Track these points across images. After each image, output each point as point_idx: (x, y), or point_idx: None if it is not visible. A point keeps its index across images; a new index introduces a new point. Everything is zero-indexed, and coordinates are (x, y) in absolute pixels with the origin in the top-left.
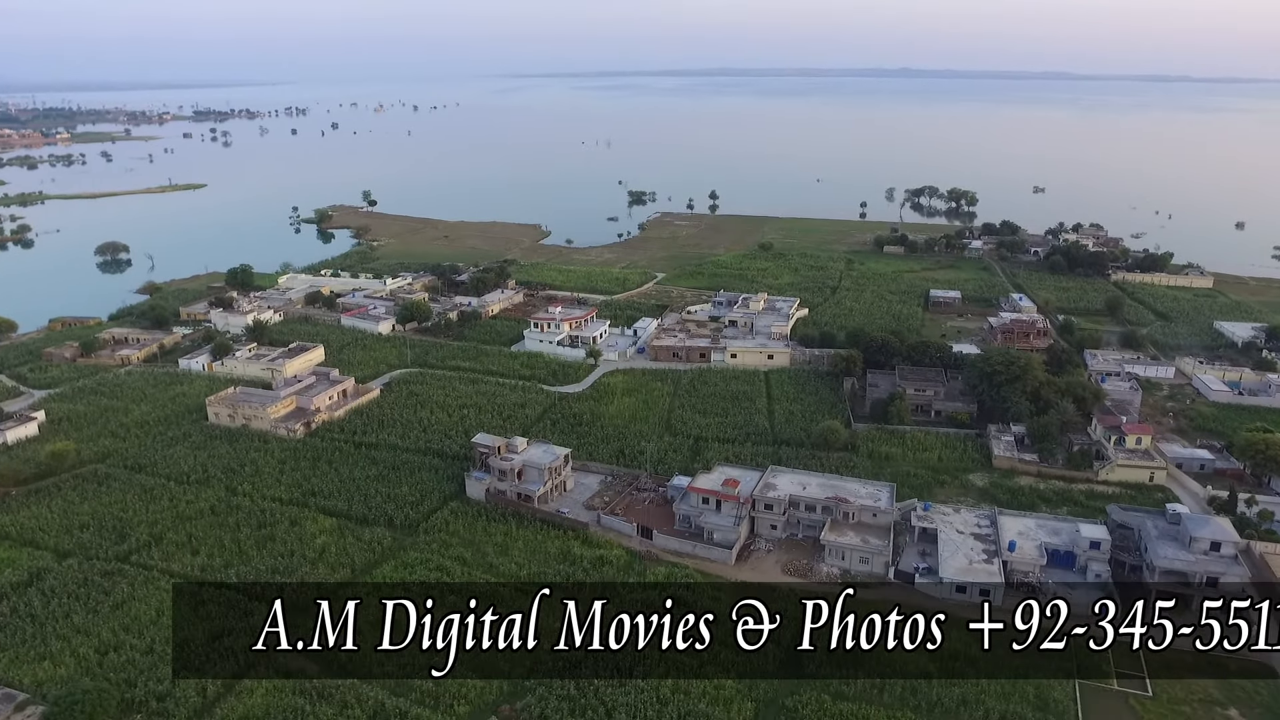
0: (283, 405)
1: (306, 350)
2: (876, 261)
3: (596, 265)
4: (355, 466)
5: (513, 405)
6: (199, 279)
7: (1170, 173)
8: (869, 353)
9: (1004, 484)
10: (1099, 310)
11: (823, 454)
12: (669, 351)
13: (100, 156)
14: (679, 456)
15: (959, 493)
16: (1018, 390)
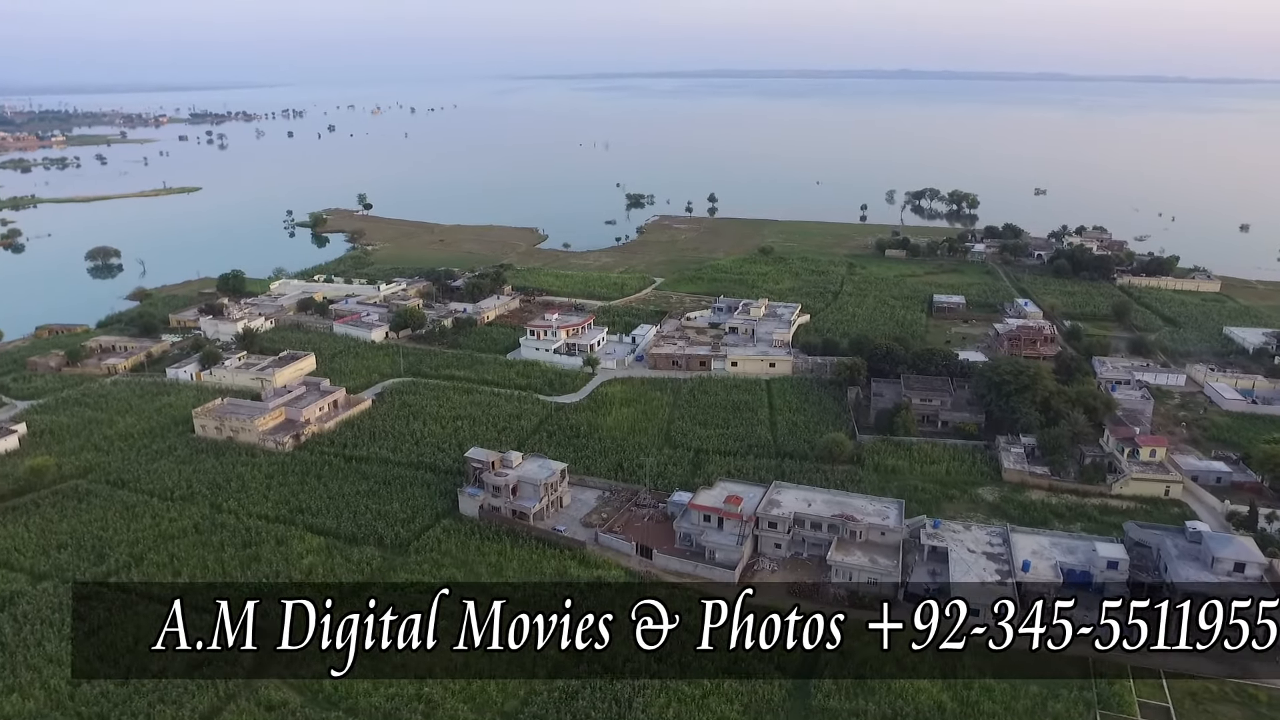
0: (271, 417)
1: (297, 359)
2: (878, 265)
3: (594, 270)
4: (345, 482)
5: (508, 416)
6: (190, 285)
7: (1171, 174)
8: (873, 361)
9: (1015, 498)
10: (1106, 315)
11: (827, 467)
12: (668, 360)
13: (95, 159)
14: (679, 470)
15: (968, 508)
16: (1027, 400)
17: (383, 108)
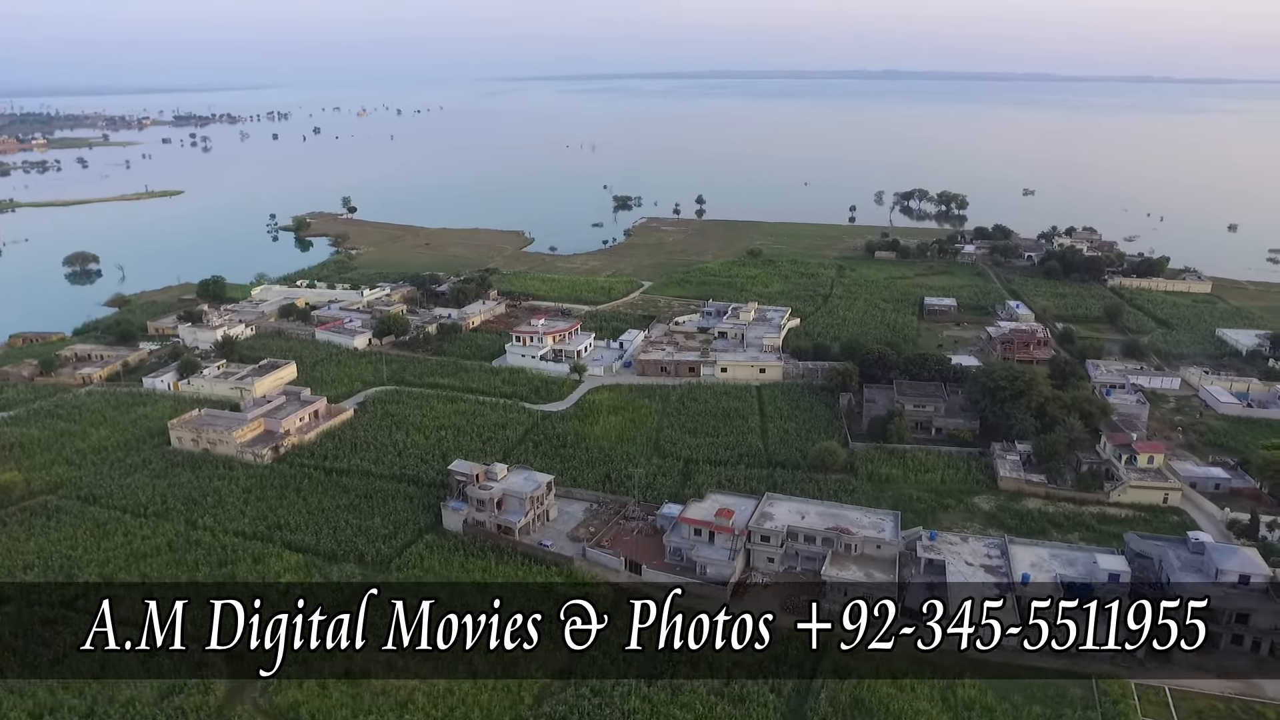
0: (249, 429)
1: (277, 368)
2: (868, 268)
3: (581, 274)
4: (325, 496)
5: (493, 426)
6: (170, 291)
7: (1160, 174)
8: (865, 366)
9: (1011, 507)
10: (1098, 317)
11: (820, 477)
12: (657, 366)
13: (76, 163)
14: (669, 481)
15: (964, 517)
16: (1022, 406)
17: (369, 110)
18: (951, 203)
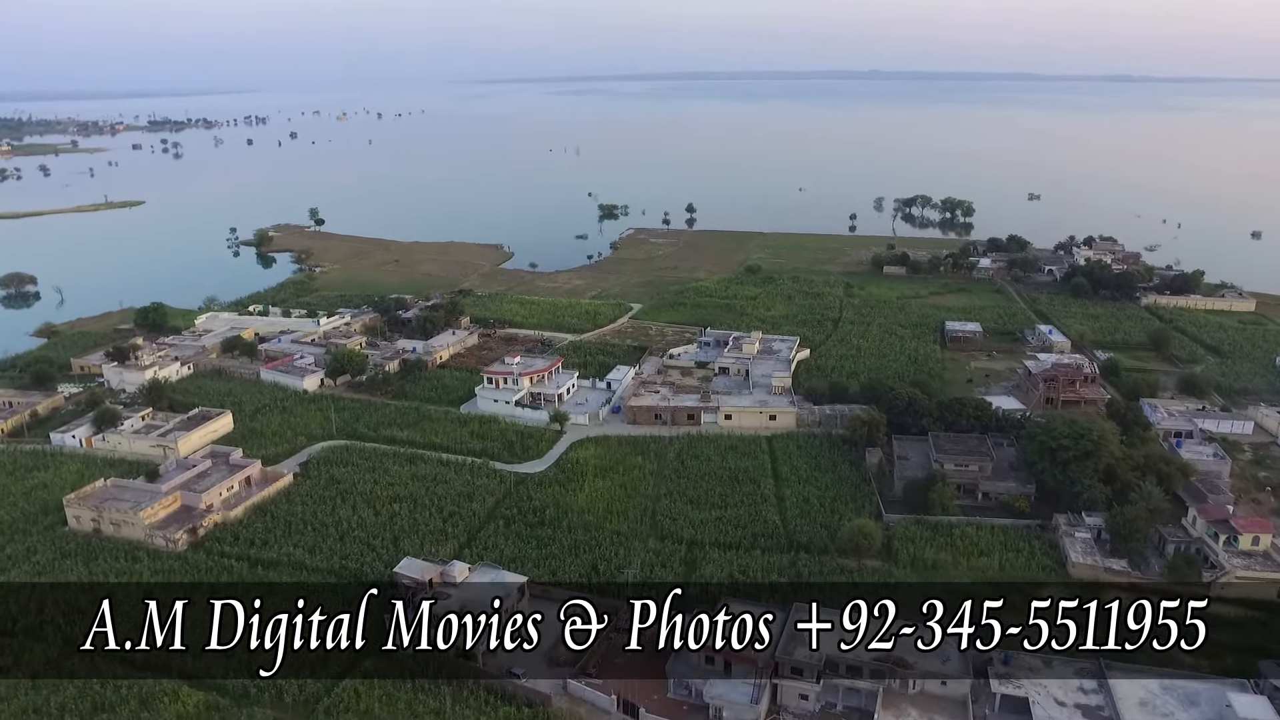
0: (162, 505)
1: (210, 419)
2: (877, 285)
3: (563, 294)
4: (243, 601)
5: (457, 496)
6: (109, 318)
7: (1168, 176)
8: (893, 414)
9: None
10: (1140, 344)
11: (852, 564)
12: (650, 413)
13: (38, 170)
14: (670, 573)
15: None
16: (1089, 470)
17: (349, 114)
18: (957, 210)
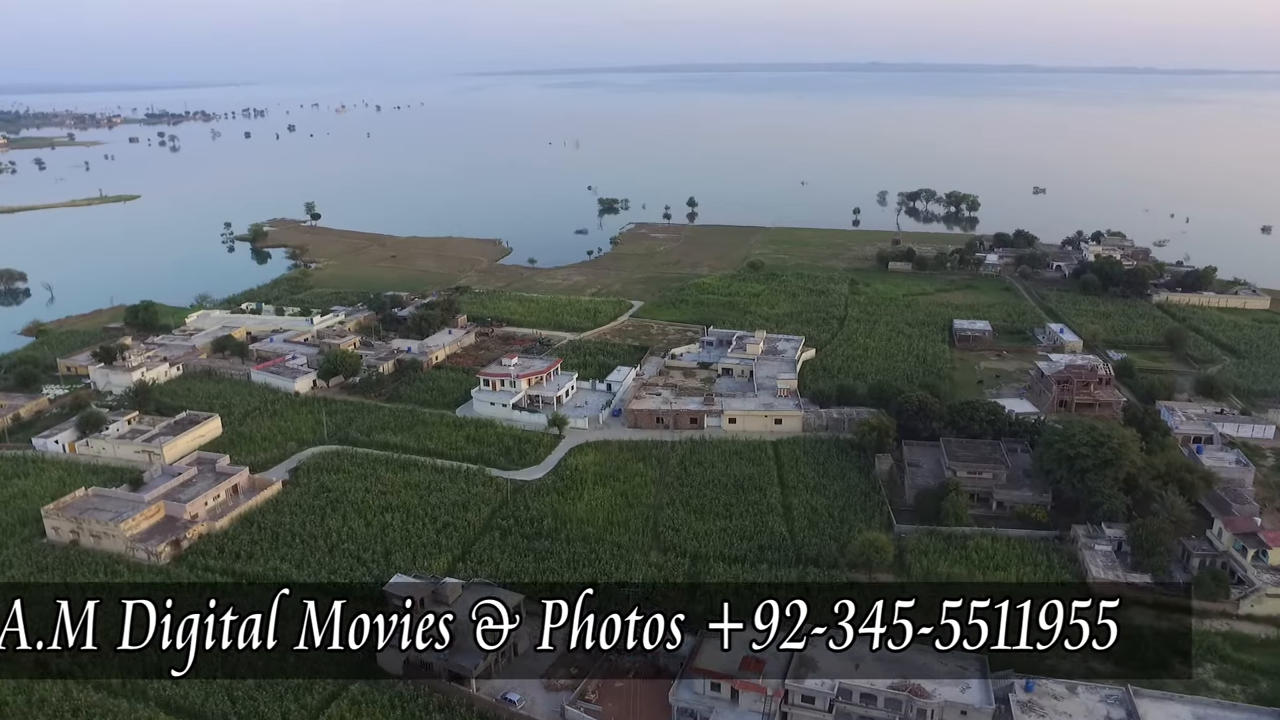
0: (145, 516)
1: (197, 423)
2: (883, 282)
3: (563, 291)
4: (226, 619)
5: (451, 506)
6: (100, 315)
7: (1174, 170)
8: (903, 418)
9: None
10: (1154, 344)
11: (864, 577)
12: (651, 416)
13: (33, 164)
14: (672, 589)
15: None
16: (1108, 479)
17: (348, 106)
18: (961, 204)
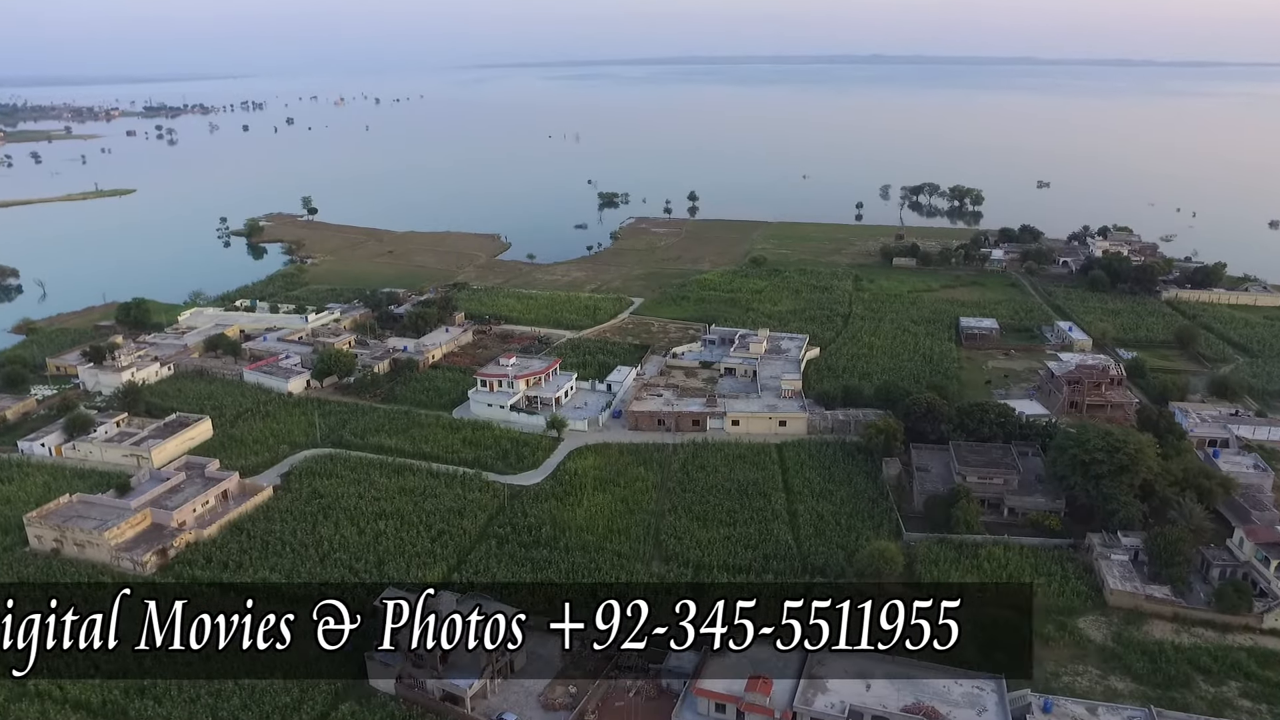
0: (130, 524)
1: (187, 425)
2: (887, 278)
3: (562, 287)
4: (211, 633)
5: (447, 512)
6: (91, 313)
7: (1178, 163)
8: (910, 420)
9: (1133, 638)
10: (1165, 342)
11: (872, 586)
12: (652, 418)
13: (29, 158)
14: (675, 600)
15: (1074, 655)
16: (1124, 486)
17: (347, 99)
18: (965, 198)
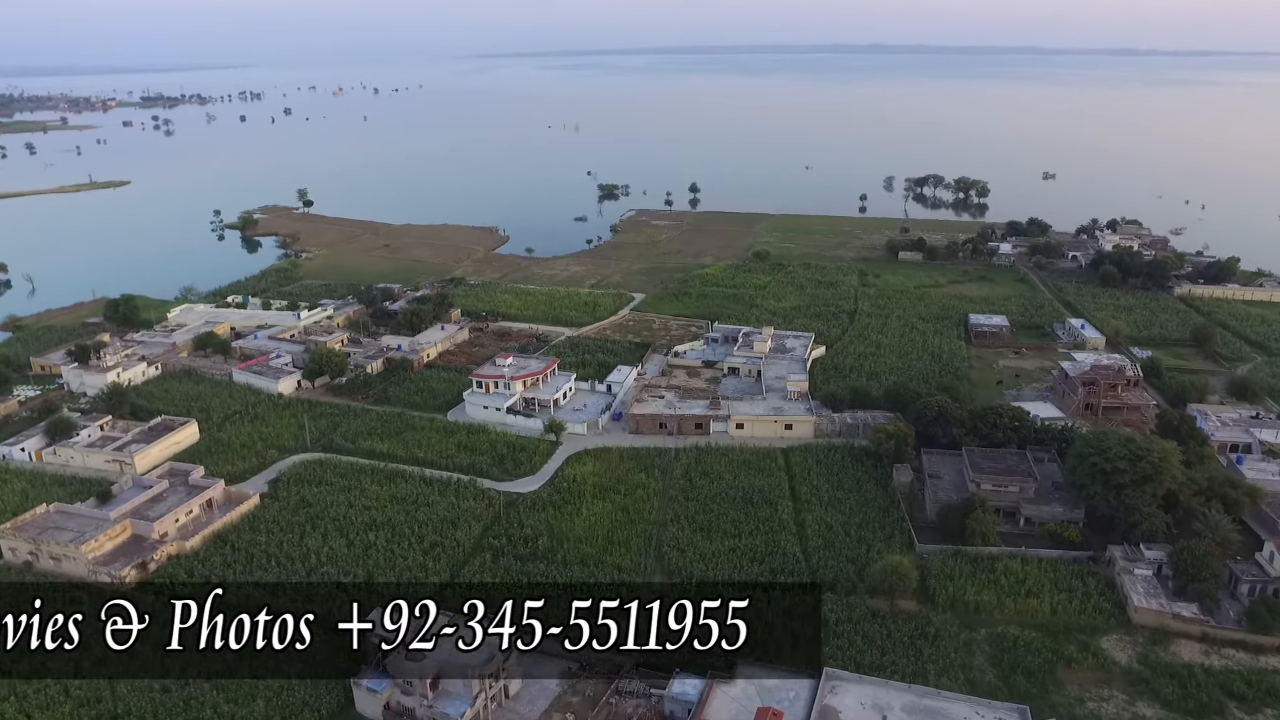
0: (110, 535)
1: (173, 429)
2: (893, 272)
3: (561, 283)
4: (190, 650)
5: (440, 523)
6: (81, 308)
7: (1185, 154)
8: (921, 423)
9: (1160, 660)
10: (1180, 340)
11: (885, 605)
12: (654, 421)
13: (24, 149)
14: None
15: (1099, 679)
16: (1147, 496)
17: (345, 89)
18: (971, 190)
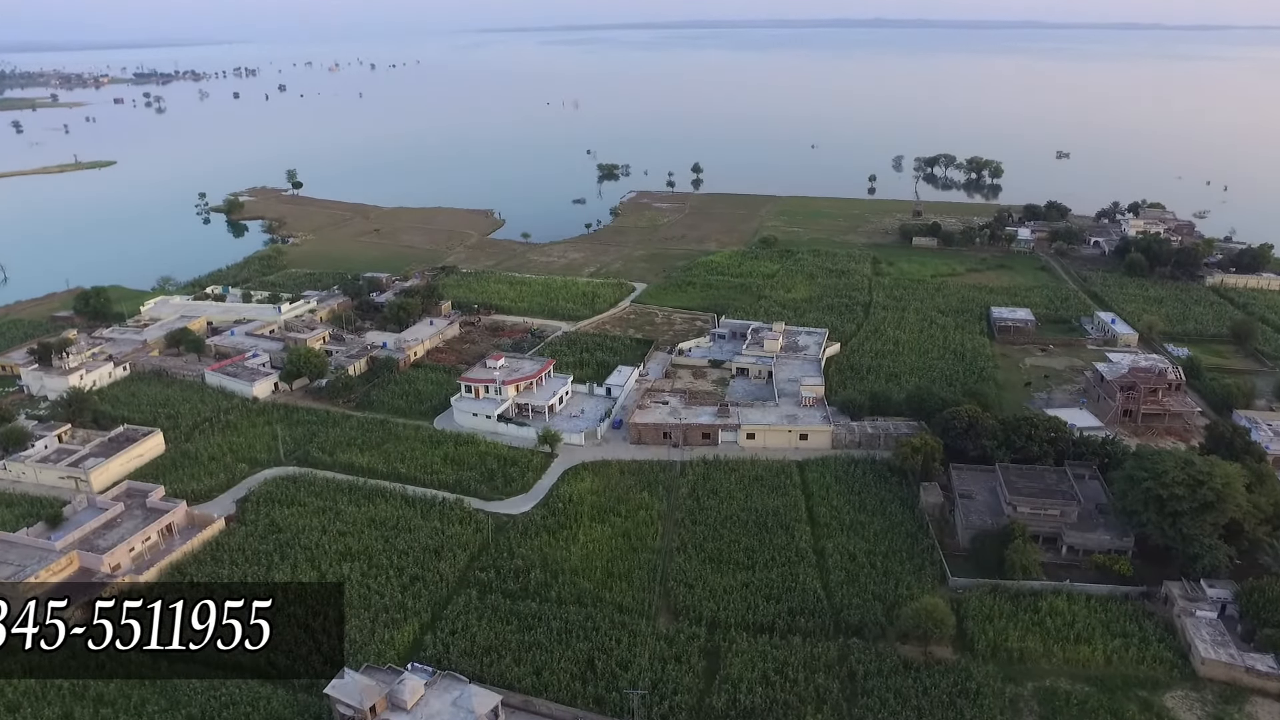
0: (52, 570)
1: (136, 440)
2: (908, 260)
3: (558, 271)
4: (133, 715)
5: (422, 552)
6: (52, 300)
7: (1200, 131)
8: (949, 435)
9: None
10: (1217, 336)
11: (917, 651)
12: (657, 431)
13: (10, 127)
14: (687, 673)
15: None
16: (1208, 525)
17: (342, 65)
18: (984, 170)
